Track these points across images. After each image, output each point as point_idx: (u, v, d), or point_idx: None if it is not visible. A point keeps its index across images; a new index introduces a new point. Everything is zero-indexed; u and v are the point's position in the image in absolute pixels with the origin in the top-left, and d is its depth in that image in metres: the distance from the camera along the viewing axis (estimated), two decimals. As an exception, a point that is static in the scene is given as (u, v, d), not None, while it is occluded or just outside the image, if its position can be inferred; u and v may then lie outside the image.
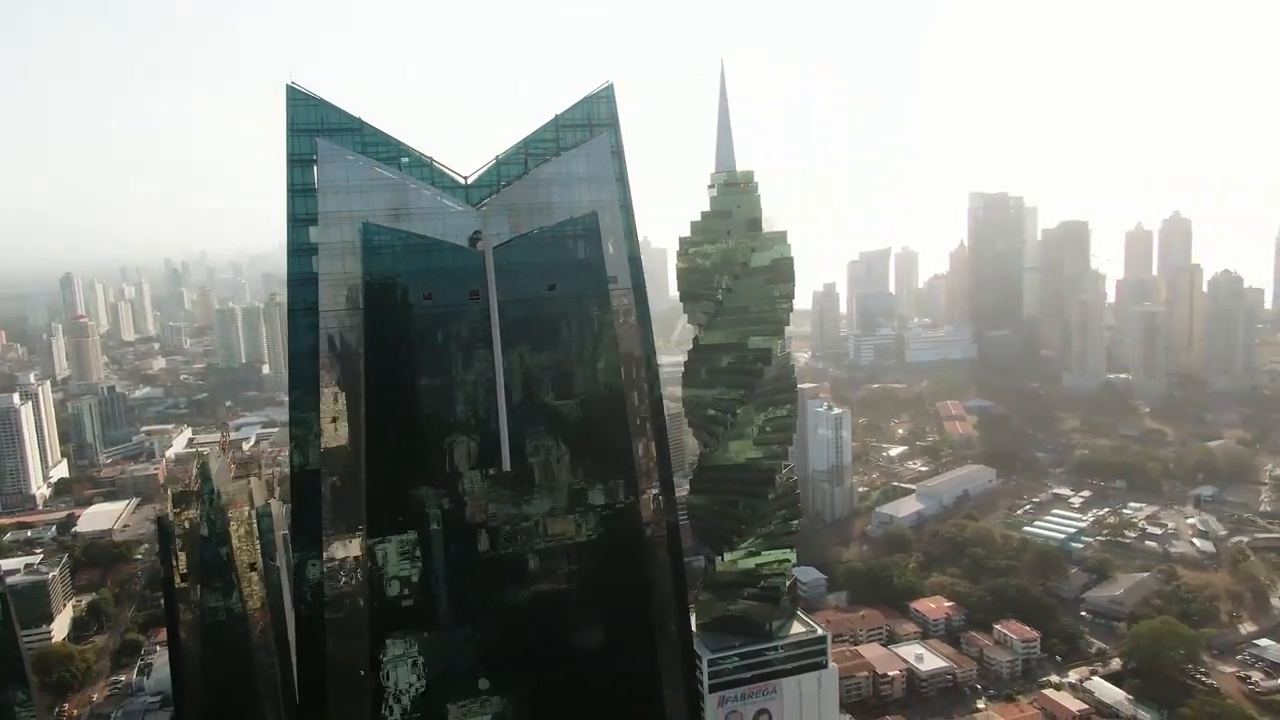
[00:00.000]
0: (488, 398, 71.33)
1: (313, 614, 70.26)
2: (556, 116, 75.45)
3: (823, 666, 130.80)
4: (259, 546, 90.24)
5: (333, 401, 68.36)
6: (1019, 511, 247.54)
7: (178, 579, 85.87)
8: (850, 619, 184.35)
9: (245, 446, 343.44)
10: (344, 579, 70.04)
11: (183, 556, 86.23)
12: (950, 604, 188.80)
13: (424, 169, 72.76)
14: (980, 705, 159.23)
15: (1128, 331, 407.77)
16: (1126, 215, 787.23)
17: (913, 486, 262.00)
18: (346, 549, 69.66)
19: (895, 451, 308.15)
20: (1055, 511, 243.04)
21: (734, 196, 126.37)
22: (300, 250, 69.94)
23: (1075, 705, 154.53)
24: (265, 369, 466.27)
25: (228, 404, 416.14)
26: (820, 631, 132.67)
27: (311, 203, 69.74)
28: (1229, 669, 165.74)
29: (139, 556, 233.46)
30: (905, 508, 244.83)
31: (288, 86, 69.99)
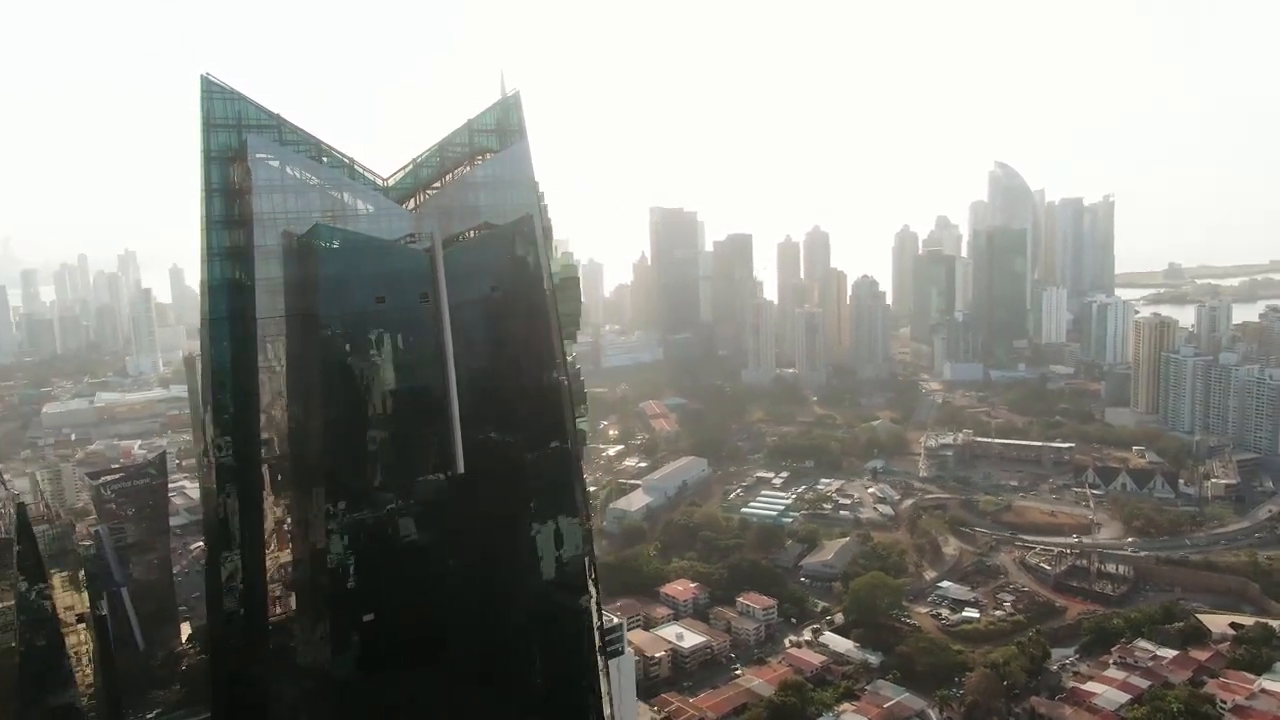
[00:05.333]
0: (437, 400, 68.79)
1: (256, 631, 63.48)
2: (469, 121, 74.50)
3: (620, 653, 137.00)
4: (89, 598, 78.22)
5: (271, 412, 62.39)
6: (732, 495, 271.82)
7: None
8: (609, 610, 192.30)
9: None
10: (281, 598, 64.18)
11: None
12: (695, 585, 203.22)
13: (343, 169, 68.48)
14: (738, 671, 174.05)
15: (790, 331, 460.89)
16: (779, 228, 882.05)
17: (638, 482, 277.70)
18: (279, 569, 63.91)
19: (613, 451, 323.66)
20: (763, 493, 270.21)
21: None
22: (219, 255, 62.86)
23: (816, 658, 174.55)
24: None
25: None
26: (616, 620, 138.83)
27: (230, 203, 63.02)
28: (923, 609, 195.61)
29: None
30: (635, 502, 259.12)
31: (202, 78, 62.42)
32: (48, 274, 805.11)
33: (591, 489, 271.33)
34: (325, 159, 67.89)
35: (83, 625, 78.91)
